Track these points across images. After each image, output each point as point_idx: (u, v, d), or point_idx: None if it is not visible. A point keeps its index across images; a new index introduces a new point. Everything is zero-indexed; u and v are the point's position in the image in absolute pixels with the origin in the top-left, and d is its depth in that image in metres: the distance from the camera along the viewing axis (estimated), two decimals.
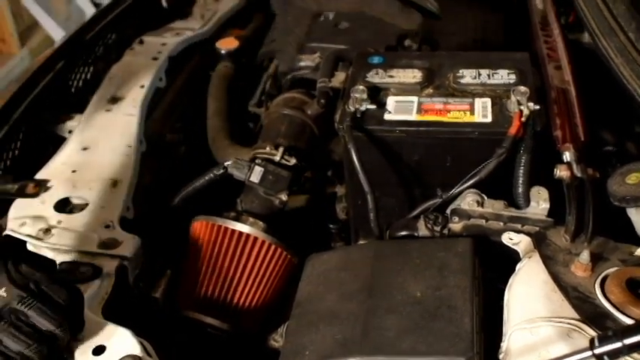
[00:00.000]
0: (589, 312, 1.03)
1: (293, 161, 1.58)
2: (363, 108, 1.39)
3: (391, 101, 1.42)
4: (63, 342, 1.06)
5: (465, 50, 1.56)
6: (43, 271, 1.12)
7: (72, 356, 1.09)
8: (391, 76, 1.48)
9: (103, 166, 1.56)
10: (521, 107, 1.32)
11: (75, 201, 1.48)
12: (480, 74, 1.45)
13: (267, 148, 1.59)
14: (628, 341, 0.81)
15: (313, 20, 2.10)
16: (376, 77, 1.48)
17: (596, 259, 1.11)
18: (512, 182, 1.29)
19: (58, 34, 4.34)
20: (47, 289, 1.07)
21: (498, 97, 1.39)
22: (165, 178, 1.74)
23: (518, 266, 1.16)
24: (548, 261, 1.14)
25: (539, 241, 1.19)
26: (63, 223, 1.39)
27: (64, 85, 1.92)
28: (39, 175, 1.54)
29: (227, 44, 2.17)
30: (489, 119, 1.34)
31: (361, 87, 1.41)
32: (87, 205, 1.45)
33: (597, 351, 0.82)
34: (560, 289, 1.07)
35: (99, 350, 1.09)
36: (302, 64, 1.97)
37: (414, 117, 1.38)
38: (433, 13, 1.32)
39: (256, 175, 1.54)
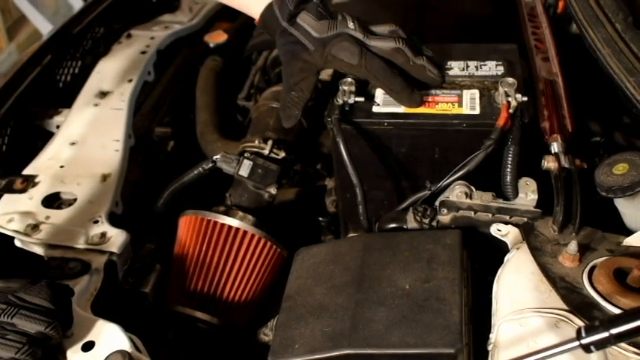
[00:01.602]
0: (577, 302, 1.03)
1: (282, 154, 1.58)
2: (351, 101, 1.39)
3: (379, 93, 1.42)
4: (56, 340, 1.06)
5: (454, 42, 1.56)
6: (19, 276, 1.11)
7: (62, 353, 1.08)
8: None
9: (92, 161, 1.56)
10: (509, 99, 1.32)
11: (63, 196, 1.48)
12: (467, 66, 1.45)
13: (256, 142, 1.59)
14: (615, 331, 0.81)
15: None
16: None
17: (584, 250, 1.12)
18: (501, 174, 1.29)
19: (46, 28, 4.32)
20: (27, 293, 1.06)
21: (486, 88, 1.39)
22: (154, 173, 1.74)
23: (506, 257, 1.16)
24: (536, 252, 1.14)
25: (528, 232, 1.19)
26: (51, 219, 1.39)
27: (52, 80, 1.91)
28: (27, 171, 1.54)
29: (215, 38, 2.17)
30: (477, 111, 1.34)
31: (349, 79, 1.41)
32: (75, 200, 1.45)
33: (584, 341, 0.83)
34: (548, 279, 1.08)
35: (88, 346, 1.08)
36: None
37: (402, 109, 1.38)
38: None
39: (245, 168, 1.53)
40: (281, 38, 1.39)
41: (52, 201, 1.46)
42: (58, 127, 1.73)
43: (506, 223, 1.23)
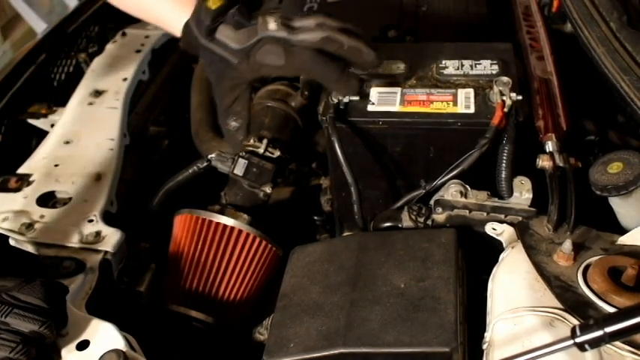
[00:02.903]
0: (571, 301, 1.03)
1: (277, 153, 1.58)
2: (346, 99, 1.39)
3: (374, 92, 1.42)
4: (51, 339, 1.06)
5: (449, 41, 1.56)
6: (14, 275, 1.10)
7: (56, 352, 1.08)
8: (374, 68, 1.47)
9: (86, 160, 1.55)
10: (504, 98, 1.32)
11: (58, 195, 1.47)
12: (462, 65, 1.45)
13: (251, 141, 1.59)
14: (609, 329, 0.82)
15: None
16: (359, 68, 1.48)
17: (579, 248, 1.12)
18: (496, 173, 1.29)
19: (40, 26, 4.31)
20: (20, 292, 1.05)
21: (481, 87, 1.40)
22: (149, 172, 1.74)
23: (501, 256, 1.17)
24: (531, 251, 1.14)
25: (522, 231, 1.20)
26: (45, 218, 1.39)
27: (47, 78, 1.90)
28: (21, 170, 1.54)
29: None
30: (472, 110, 1.35)
31: None
32: (70, 199, 1.45)
33: (579, 340, 0.83)
34: (542, 278, 1.08)
35: (83, 345, 1.08)
36: None
37: (397, 108, 1.38)
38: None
39: (240, 167, 1.53)
40: (204, 57, 1.32)
41: (47, 200, 1.46)
42: (52, 125, 1.72)
43: (501, 222, 1.23)
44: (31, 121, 1.77)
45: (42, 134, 1.69)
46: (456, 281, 1.11)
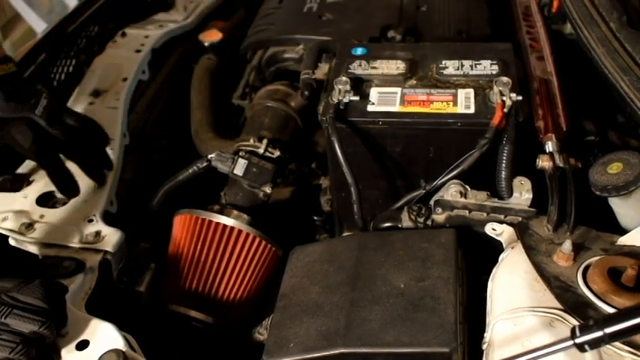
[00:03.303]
0: (571, 301, 1.03)
1: (277, 153, 1.58)
2: (346, 99, 1.39)
3: (374, 92, 1.42)
4: (51, 339, 1.06)
5: (449, 42, 1.56)
6: (13, 275, 1.10)
7: (56, 352, 1.08)
8: (374, 68, 1.48)
9: None
10: (504, 98, 1.32)
11: (57, 195, 1.47)
12: (462, 65, 1.45)
13: (251, 141, 1.59)
14: (609, 330, 0.82)
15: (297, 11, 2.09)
16: (359, 69, 1.48)
17: (579, 249, 1.12)
18: (495, 173, 1.29)
19: (40, 26, 4.30)
20: (20, 292, 1.05)
21: (481, 87, 1.40)
22: (149, 172, 1.74)
23: (501, 257, 1.17)
24: (530, 251, 1.14)
25: (522, 232, 1.20)
26: (45, 218, 1.39)
27: (46, 78, 1.90)
28: (21, 170, 1.53)
29: (210, 36, 2.16)
30: (472, 110, 1.35)
31: (344, 78, 1.41)
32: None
33: (578, 340, 0.83)
34: (542, 278, 1.08)
35: (82, 345, 1.08)
36: (285, 55, 1.96)
37: (397, 108, 1.38)
38: None
39: (240, 167, 1.53)
40: None
41: (47, 200, 1.45)
42: None
43: (500, 222, 1.23)
44: None
45: None
46: (456, 281, 1.11)
